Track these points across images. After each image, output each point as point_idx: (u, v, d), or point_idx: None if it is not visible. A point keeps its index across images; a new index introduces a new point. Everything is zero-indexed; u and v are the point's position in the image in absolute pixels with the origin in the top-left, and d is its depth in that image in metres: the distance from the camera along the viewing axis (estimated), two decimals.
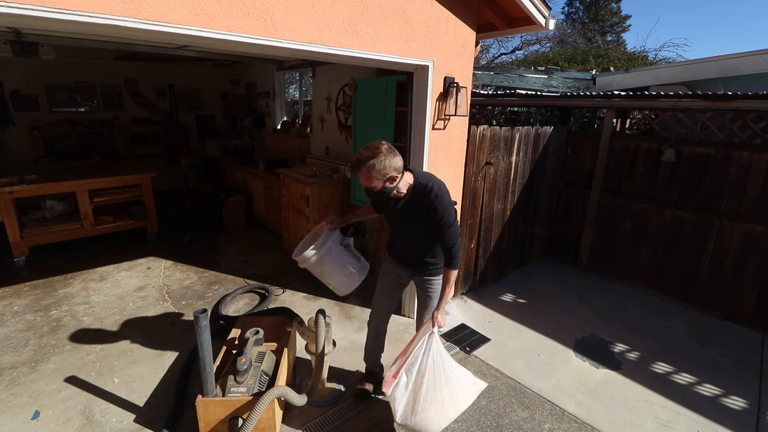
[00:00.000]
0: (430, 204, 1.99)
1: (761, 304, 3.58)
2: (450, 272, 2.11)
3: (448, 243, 2.06)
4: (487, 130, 3.72)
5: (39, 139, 6.24)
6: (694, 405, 2.65)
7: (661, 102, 3.96)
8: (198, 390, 2.12)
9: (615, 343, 3.30)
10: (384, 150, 1.87)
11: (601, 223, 4.60)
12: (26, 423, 2.30)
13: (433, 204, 1.99)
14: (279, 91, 6.65)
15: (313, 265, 2.28)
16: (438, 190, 2.01)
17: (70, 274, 4.14)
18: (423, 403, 2.08)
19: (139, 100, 7.24)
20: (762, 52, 4.75)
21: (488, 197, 3.96)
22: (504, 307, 3.84)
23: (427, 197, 2.00)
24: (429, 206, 2.00)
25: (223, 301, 3.63)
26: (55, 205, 4.69)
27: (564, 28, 17.48)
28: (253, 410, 1.94)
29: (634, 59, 12.31)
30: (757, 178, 3.53)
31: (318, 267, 2.30)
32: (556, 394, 2.70)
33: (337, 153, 4.94)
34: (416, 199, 2.04)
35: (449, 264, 2.11)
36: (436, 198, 1.99)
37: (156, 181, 5.17)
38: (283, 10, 2.16)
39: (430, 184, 2.02)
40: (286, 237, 4.85)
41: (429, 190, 2.00)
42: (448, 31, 3.02)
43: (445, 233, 2.03)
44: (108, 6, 1.67)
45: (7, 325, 3.23)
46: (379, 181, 1.89)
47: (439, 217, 1.99)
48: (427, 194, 2.00)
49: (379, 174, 1.87)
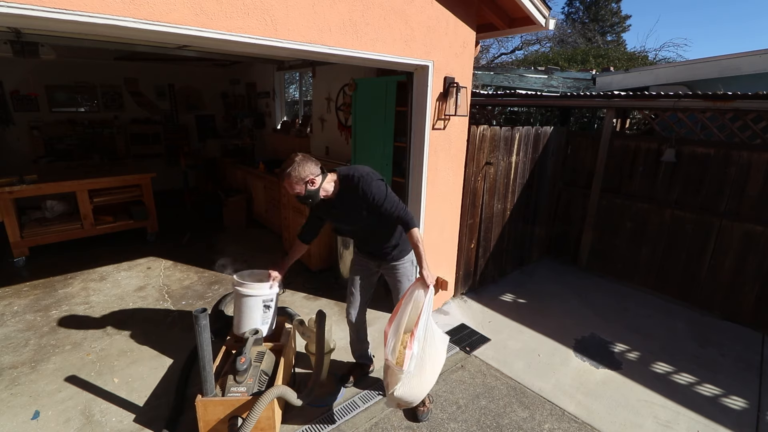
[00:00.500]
0: (358, 190, 2.10)
1: (761, 304, 3.58)
2: (411, 232, 2.16)
3: (393, 214, 2.13)
4: (487, 130, 3.72)
5: (39, 139, 6.24)
6: (694, 405, 2.65)
7: (661, 102, 3.96)
8: (198, 390, 2.12)
9: (615, 343, 3.30)
10: (297, 160, 2.00)
11: (601, 223, 4.60)
12: (26, 423, 2.30)
13: (361, 188, 2.09)
14: (279, 91, 6.65)
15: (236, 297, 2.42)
16: (360, 174, 2.12)
17: (70, 274, 4.14)
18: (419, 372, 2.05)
19: (139, 100, 7.24)
20: (762, 52, 4.75)
21: (488, 197, 3.96)
22: (504, 307, 3.84)
23: (352, 185, 2.11)
24: (358, 192, 2.10)
25: (223, 301, 3.63)
26: (55, 205, 4.69)
27: (564, 28, 17.49)
28: (252, 410, 1.94)
29: (634, 59, 12.32)
30: (757, 178, 3.53)
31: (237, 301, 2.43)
32: (556, 394, 2.70)
33: (337, 153, 4.94)
34: (345, 191, 2.14)
35: (407, 226, 2.17)
36: (359, 181, 2.10)
37: (156, 181, 5.17)
38: (283, 10, 2.16)
39: (351, 173, 2.14)
40: (286, 237, 4.85)
41: (351, 177, 2.12)
42: (448, 31, 3.02)
43: (386, 208, 2.12)
44: (108, 6, 1.67)
45: (7, 325, 3.23)
46: (300, 186, 2.00)
47: (371, 198, 2.09)
48: (352, 182, 2.11)
49: (297, 179, 1.98)
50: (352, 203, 2.15)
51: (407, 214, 2.16)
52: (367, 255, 2.45)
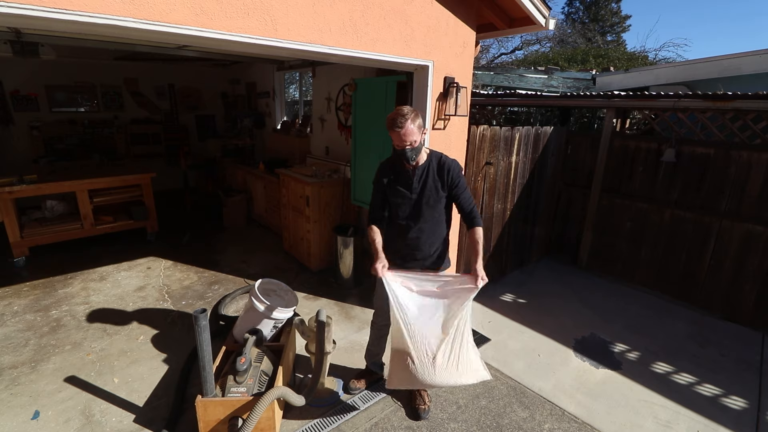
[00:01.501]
0: (447, 166, 2.19)
1: (761, 304, 3.58)
2: (476, 229, 2.23)
3: (468, 204, 2.24)
4: (487, 130, 3.72)
5: (39, 139, 6.24)
6: (694, 405, 2.65)
7: (661, 102, 3.96)
8: (198, 390, 2.12)
9: (615, 343, 3.30)
10: (408, 109, 2.07)
11: (601, 222, 4.60)
12: (26, 423, 2.30)
13: (450, 165, 2.19)
14: (279, 91, 6.64)
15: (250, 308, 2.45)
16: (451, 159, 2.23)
17: (70, 274, 4.14)
18: (447, 353, 2.11)
19: (139, 100, 7.24)
20: (762, 52, 4.75)
21: (488, 197, 3.96)
22: (504, 306, 3.84)
23: (442, 161, 2.20)
24: (447, 168, 2.18)
25: (222, 302, 3.63)
26: (55, 205, 4.69)
27: (564, 28, 17.48)
28: (252, 410, 1.94)
29: (634, 59, 12.30)
30: (757, 178, 3.53)
31: (250, 311, 2.47)
32: (556, 394, 2.70)
33: (337, 153, 4.94)
34: (434, 163, 2.21)
35: (473, 222, 2.24)
36: (453, 162, 2.21)
37: (156, 181, 5.17)
38: (283, 10, 2.16)
39: (443, 155, 2.25)
40: (286, 237, 4.85)
41: (444, 158, 2.22)
42: (448, 31, 3.02)
43: (465, 193, 2.23)
44: (108, 6, 1.67)
45: (7, 325, 3.23)
46: (417, 133, 2.06)
47: (458, 178, 2.19)
48: (443, 162, 2.20)
49: (419, 125, 2.06)
50: (432, 178, 2.19)
51: (477, 212, 2.26)
52: (409, 261, 2.31)
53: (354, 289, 4.03)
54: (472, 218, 2.24)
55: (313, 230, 4.23)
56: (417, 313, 2.11)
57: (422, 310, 2.12)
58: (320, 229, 4.25)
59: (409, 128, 2.02)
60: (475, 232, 2.22)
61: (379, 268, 2.13)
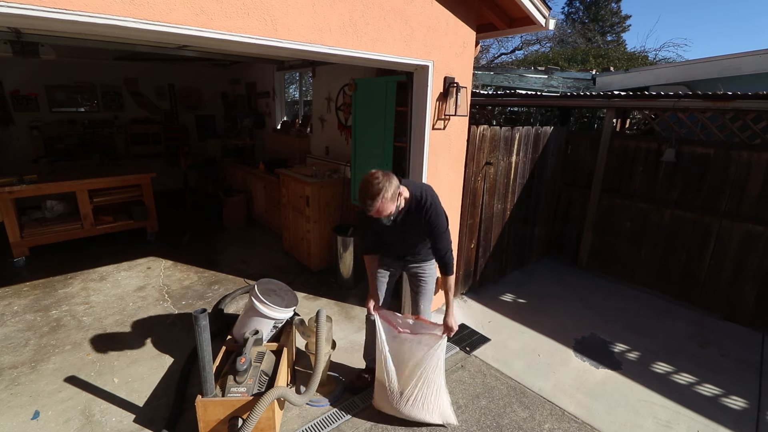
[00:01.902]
0: (426, 213, 2.14)
1: (761, 304, 3.58)
2: (448, 278, 2.27)
3: (441, 250, 2.21)
4: (487, 130, 3.72)
5: (39, 139, 6.24)
6: (694, 405, 2.65)
7: (661, 102, 3.96)
8: (198, 390, 2.12)
9: (615, 343, 3.30)
10: (380, 177, 1.95)
11: (601, 223, 4.60)
12: (26, 423, 2.30)
13: (429, 213, 2.14)
14: (279, 91, 6.64)
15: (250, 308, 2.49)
16: (431, 200, 2.16)
17: (70, 274, 4.14)
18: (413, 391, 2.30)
19: (139, 100, 7.24)
20: (762, 52, 4.74)
21: (488, 197, 3.96)
22: (504, 307, 3.84)
23: (422, 208, 2.15)
24: (425, 216, 2.15)
25: (223, 302, 3.63)
26: (55, 205, 4.69)
27: (564, 28, 17.48)
28: (253, 410, 1.94)
29: (634, 59, 12.30)
30: (757, 178, 3.53)
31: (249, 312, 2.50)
32: (556, 394, 2.70)
33: (337, 153, 4.94)
34: (413, 210, 2.17)
35: (445, 271, 2.26)
36: (431, 207, 2.15)
37: (156, 181, 5.17)
38: (283, 10, 2.16)
39: (424, 195, 2.17)
40: (286, 237, 4.85)
41: (424, 200, 2.15)
42: (448, 31, 3.01)
43: (440, 239, 2.19)
44: (108, 6, 1.67)
45: (7, 325, 3.23)
46: (392, 204, 1.98)
47: (433, 226, 2.16)
48: (423, 205, 2.15)
49: (393, 193, 1.96)
50: (414, 223, 2.18)
51: (451, 258, 2.24)
52: (395, 258, 2.47)
53: (354, 289, 4.03)
54: (444, 265, 2.24)
55: (313, 230, 4.23)
56: (394, 352, 2.31)
57: (399, 350, 2.30)
58: (320, 229, 4.25)
59: (380, 207, 1.94)
60: (446, 280, 2.27)
61: (370, 308, 2.38)
